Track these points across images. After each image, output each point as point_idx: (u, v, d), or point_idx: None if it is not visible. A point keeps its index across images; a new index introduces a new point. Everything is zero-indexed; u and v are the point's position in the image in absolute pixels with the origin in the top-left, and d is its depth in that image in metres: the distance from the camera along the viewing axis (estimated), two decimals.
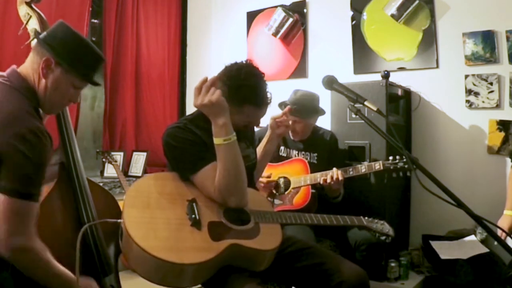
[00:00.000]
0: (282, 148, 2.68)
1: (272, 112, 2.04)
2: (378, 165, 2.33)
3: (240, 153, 1.64)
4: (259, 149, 2.13)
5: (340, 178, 2.35)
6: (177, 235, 1.48)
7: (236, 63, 1.69)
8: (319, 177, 2.41)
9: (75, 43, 1.44)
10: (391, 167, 2.31)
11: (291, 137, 2.71)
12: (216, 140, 1.60)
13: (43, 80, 1.41)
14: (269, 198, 2.48)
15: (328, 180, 2.36)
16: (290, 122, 2.53)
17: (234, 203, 1.62)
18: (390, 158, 2.33)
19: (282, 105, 2.63)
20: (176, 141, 1.67)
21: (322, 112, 2.72)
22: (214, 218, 1.58)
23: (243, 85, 1.62)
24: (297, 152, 2.66)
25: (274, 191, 2.50)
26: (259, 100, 1.68)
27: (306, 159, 2.61)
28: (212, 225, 1.55)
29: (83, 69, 1.44)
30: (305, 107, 2.59)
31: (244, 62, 1.70)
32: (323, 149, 2.69)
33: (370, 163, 2.39)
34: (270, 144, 2.10)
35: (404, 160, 2.28)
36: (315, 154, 2.66)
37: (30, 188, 1.29)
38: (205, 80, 1.58)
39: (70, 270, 1.37)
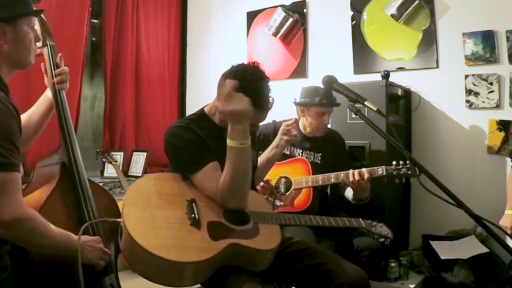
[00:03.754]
0: None
1: (275, 116, 2.00)
2: (380, 170, 2.24)
3: (250, 158, 1.63)
4: (265, 153, 2.12)
5: (366, 175, 2.24)
6: (176, 234, 1.48)
7: (243, 64, 1.68)
8: (328, 178, 2.34)
9: None
10: (394, 173, 2.21)
11: (308, 134, 2.63)
12: (231, 143, 1.58)
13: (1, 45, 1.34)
14: (269, 198, 2.46)
15: (357, 178, 2.24)
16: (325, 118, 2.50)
17: (234, 205, 1.63)
18: (394, 163, 2.23)
19: (300, 104, 2.56)
20: (178, 140, 1.67)
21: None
22: (213, 218, 1.58)
23: (246, 85, 1.59)
24: (301, 151, 2.59)
25: (275, 191, 2.48)
26: (260, 103, 1.65)
27: (310, 159, 2.55)
28: (212, 225, 1.55)
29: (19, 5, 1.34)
30: (330, 96, 2.54)
31: (251, 63, 1.69)
32: (328, 149, 2.62)
33: (372, 168, 2.29)
34: (277, 149, 2.10)
35: (408, 165, 2.19)
36: (319, 154, 2.60)
37: (3, 158, 1.22)
38: (235, 85, 1.55)
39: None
